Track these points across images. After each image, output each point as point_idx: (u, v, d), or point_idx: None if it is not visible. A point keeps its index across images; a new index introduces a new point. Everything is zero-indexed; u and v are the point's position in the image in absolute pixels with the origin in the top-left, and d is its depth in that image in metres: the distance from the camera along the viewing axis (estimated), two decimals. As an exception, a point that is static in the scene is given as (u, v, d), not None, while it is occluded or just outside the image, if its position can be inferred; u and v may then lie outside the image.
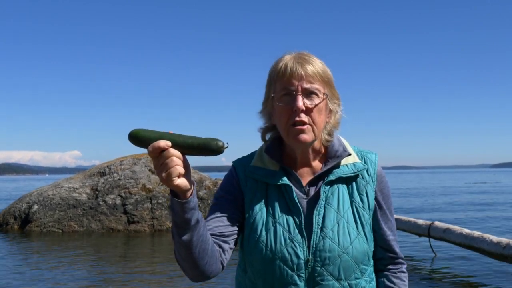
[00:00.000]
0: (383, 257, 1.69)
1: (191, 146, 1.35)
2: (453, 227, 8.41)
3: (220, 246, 1.57)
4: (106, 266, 9.02)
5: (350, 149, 1.67)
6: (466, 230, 8.02)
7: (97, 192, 14.58)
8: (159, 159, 1.32)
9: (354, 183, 1.63)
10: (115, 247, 11.32)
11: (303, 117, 1.54)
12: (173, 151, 1.32)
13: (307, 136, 1.56)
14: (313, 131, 1.57)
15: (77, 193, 14.57)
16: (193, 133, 1.40)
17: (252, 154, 1.72)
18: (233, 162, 1.73)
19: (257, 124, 1.72)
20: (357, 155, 1.68)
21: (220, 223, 1.60)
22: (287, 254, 1.54)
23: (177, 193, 1.38)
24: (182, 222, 1.40)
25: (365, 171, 1.64)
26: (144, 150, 1.39)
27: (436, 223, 8.89)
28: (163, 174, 1.32)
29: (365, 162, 1.66)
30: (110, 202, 14.17)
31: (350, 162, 1.64)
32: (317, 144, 1.64)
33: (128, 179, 14.81)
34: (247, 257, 1.62)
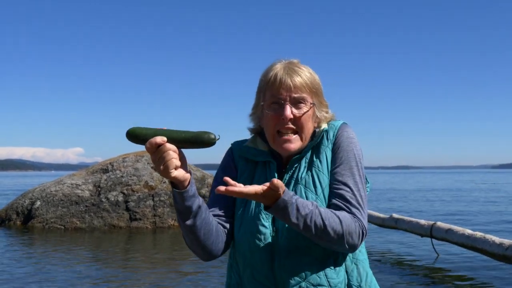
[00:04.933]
0: (333, 204, 1.62)
1: (185, 140, 1.45)
2: (456, 227, 8.39)
3: (223, 226, 1.69)
4: (108, 262, 9.03)
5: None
6: (468, 231, 8.00)
7: (99, 189, 14.59)
8: (157, 154, 1.43)
9: (315, 149, 1.71)
10: (117, 244, 11.33)
11: (290, 125, 1.65)
12: (169, 145, 1.43)
13: (292, 145, 1.67)
14: (300, 138, 1.67)
15: (79, 189, 14.59)
16: (195, 128, 1.49)
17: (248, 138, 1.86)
18: (232, 144, 1.86)
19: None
20: (327, 125, 1.76)
21: (220, 203, 1.72)
22: (255, 226, 1.63)
23: (176, 184, 1.49)
24: (184, 209, 1.51)
25: (325, 136, 1.71)
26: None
27: (438, 223, 8.87)
28: (161, 167, 1.43)
29: (328, 128, 1.74)
30: (113, 199, 14.18)
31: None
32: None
33: (130, 176, 14.82)
34: (234, 232, 1.72)
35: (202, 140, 1.46)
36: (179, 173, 1.45)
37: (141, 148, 1.51)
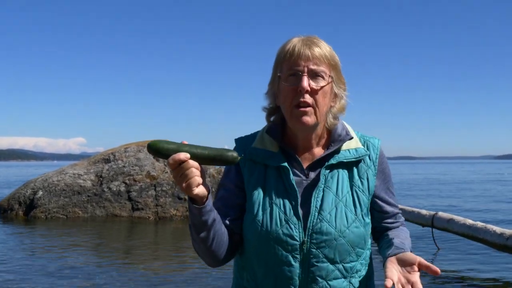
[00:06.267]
0: (386, 227, 1.74)
1: (208, 157, 1.44)
2: (457, 217, 8.40)
3: (233, 231, 1.63)
4: (109, 252, 9.07)
5: (353, 134, 1.69)
6: (469, 221, 8.01)
7: (101, 179, 14.62)
8: (179, 170, 1.39)
9: (355, 168, 1.65)
10: (119, 234, 11.38)
11: (308, 98, 1.55)
12: (192, 162, 1.40)
13: (309, 119, 1.57)
14: (316, 114, 1.58)
15: (81, 179, 14.62)
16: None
17: (255, 134, 1.74)
18: (235, 140, 1.74)
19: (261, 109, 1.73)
20: (360, 140, 1.69)
21: (227, 210, 1.65)
22: (282, 235, 1.55)
23: (195, 199, 1.46)
24: (200, 223, 1.49)
25: (367, 157, 1.66)
26: (149, 138, 1.45)
27: (440, 213, 8.88)
28: (184, 185, 1.40)
29: (367, 148, 1.68)
30: (115, 189, 14.21)
31: (352, 147, 1.66)
32: (319, 129, 1.65)
33: (132, 166, 14.84)
34: (244, 236, 1.64)
35: (226, 159, 1.45)
36: (200, 190, 1.42)
37: (143, 138, 1.49)
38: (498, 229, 7.27)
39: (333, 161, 1.62)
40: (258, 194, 1.61)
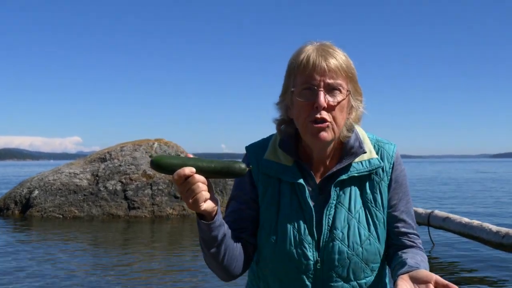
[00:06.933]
0: (400, 244, 1.61)
1: (214, 171, 1.37)
2: (453, 216, 8.42)
3: (246, 242, 1.59)
4: (106, 251, 9.06)
5: (367, 144, 1.60)
6: (465, 219, 8.03)
7: (97, 178, 14.58)
8: (185, 186, 1.33)
9: (367, 181, 1.56)
10: (115, 233, 11.35)
11: (324, 114, 1.47)
12: (198, 177, 1.33)
13: (326, 135, 1.49)
14: (333, 130, 1.49)
15: (77, 178, 14.58)
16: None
17: (266, 140, 1.66)
18: (246, 148, 1.67)
19: (268, 114, 1.66)
20: (374, 147, 1.60)
21: (241, 223, 1.60)
22: (295, 255, 1.51)
23: (203, 215, 1.40)
24: (210, 238, 1.43)
25: (380, 168, 1.57)
26: (145, 137, 1.40)
27: (436, 212, 8.90)
28: (190, 201, 1.34)
29: (381, 157, 1.58)
30: (111, 188, 14.18)
31: (365, 158, 1.57)
32: (334, 142, 1.57)
33: (128, 165, 14.81)
34: (259, 250, 1.61)
35: (233, 171, 1.38)
36: (208, 205, 1.36)
37: (139, 137, 1.44)
38: (494, 227, 7.29)
39: (344, 176, 1.54)
40: (272, 210, 1.56)
